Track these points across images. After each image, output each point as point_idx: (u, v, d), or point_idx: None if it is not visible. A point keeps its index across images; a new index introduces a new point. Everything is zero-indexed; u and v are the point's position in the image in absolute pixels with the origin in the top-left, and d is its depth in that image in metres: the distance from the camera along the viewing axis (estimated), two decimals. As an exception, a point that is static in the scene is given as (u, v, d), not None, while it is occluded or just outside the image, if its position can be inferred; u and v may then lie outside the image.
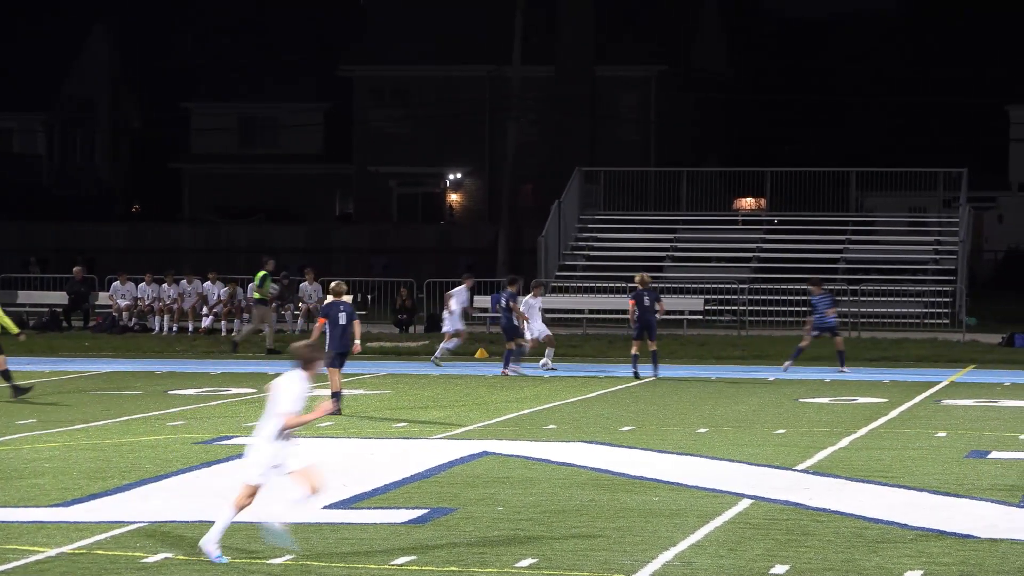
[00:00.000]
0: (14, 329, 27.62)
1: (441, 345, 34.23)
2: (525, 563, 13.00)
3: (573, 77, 71.42)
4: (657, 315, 30.94)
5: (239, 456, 19.42)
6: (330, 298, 24.56)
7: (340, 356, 24.08)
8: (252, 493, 13.21)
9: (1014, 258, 67.62)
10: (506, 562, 13.05)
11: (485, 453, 19.89)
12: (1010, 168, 78.09)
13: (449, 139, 74.01)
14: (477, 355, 36.08)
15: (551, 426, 23.12)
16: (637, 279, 31.49)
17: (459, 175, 75.11)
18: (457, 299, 34.72)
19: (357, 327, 24.25)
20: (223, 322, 42.94)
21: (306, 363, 13.25)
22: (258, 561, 13.08)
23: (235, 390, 28.22)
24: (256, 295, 37.74)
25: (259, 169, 77.51)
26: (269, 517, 13.40)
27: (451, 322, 34.41)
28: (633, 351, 30.78)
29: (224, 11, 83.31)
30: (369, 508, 15.82)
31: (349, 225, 73.32)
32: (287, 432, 13.18)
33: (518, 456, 19.60)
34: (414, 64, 74.73)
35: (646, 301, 30.68)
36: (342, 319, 23.99)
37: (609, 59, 72.87)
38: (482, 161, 73.84)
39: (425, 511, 15.33)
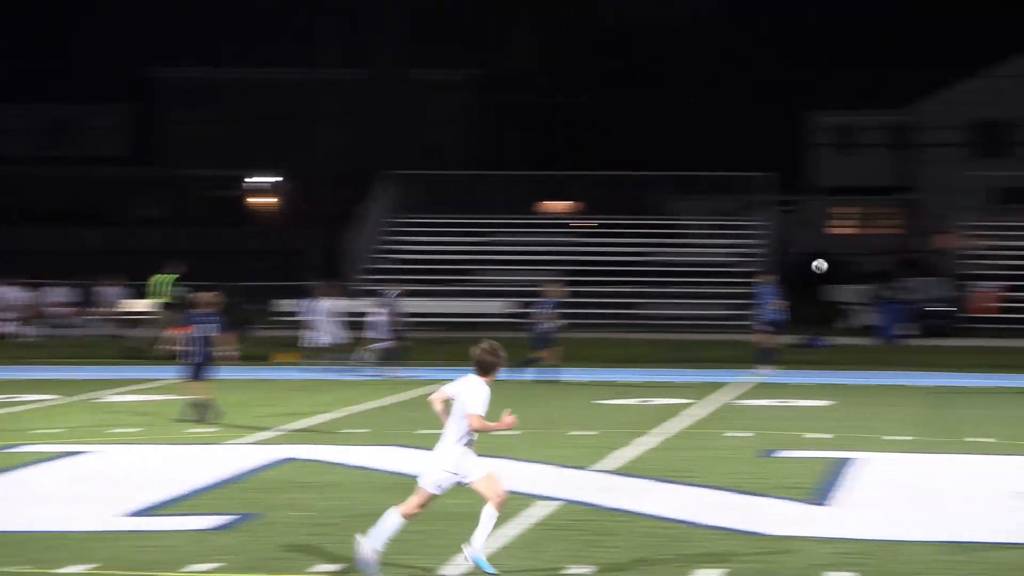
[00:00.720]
0: None
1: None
2: (331, 567, 13.00)
3: (387, 79, 71.44)
4: None
5: (28, 465, 19.13)
6: (197, 308, 24.30)
7: (203, 366, 23.83)
8: (425, 502, 12.63)
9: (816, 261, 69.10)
10: (311, 567, 13.04)
11: (289, 458, 19.83)
12: (813, 173, 79.80)
13: (260, 142, 73.50)
14: (277, 359, 35.94)
15: (355, 430, 23.13)
16: None
17: (269, 178, 74.62)
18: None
19: (223, 338, 24.02)
20: (27, 328, 42.15)
21: (483, 368, 12.84)
22: (51, 571, 12.88)
23: (28, 397, 27.70)
24: (163, 300, 36.98)
25: (64, 171, 76.17)
26: (468, 550, 12.58)
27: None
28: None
29: (30, 11, 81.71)
30: (172, 515, 15.67)
31: (154, 228, 72.40)
32: (471, 438, 12.67)
33: (322, 461, 19.57)
34: (225, 66, 74.07)
35: None
36: (206, 329, 23.80)
37: (423, 62, 72.98)
38: (293, 164, 73.46)
39: (229, 517, 15.23)
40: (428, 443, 21.47)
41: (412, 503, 12.71)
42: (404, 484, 17.67)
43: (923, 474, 18.88)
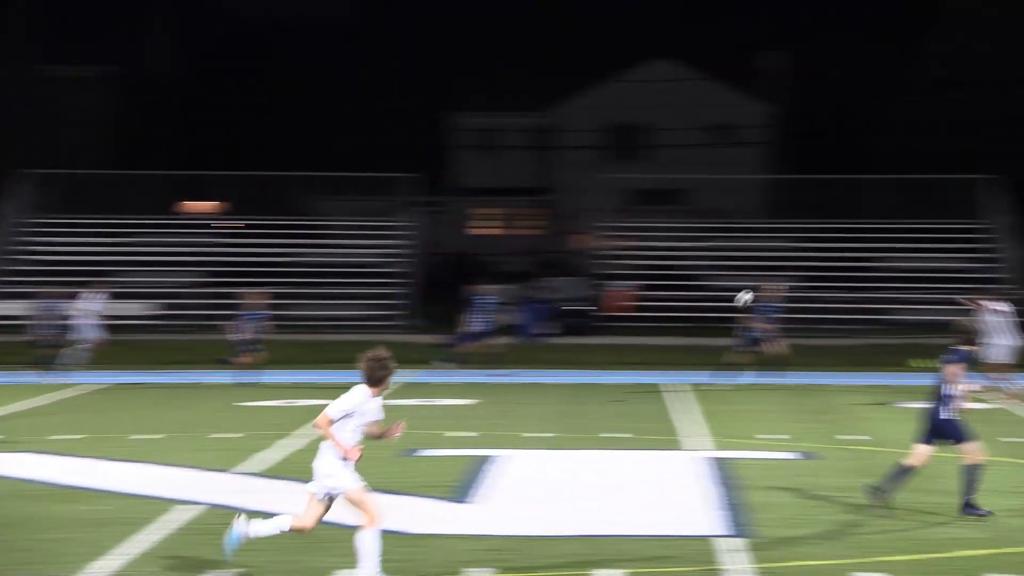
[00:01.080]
0: None
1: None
2: (-43, 581, 12.58)
3: (18, 76, 69.38)
4: None
5: None
6: None
7: None
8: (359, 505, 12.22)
9: (462, 261, 70.03)
10: (-64, 581, 12.58)
11: (-83, 468, 19.08)
12: (456, 174, 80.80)
13: None
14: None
15: (-11, 437, 22.38)
16: None
17: None
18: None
19: None
20: None
21: (370, 379, 11.84)
22: None
23: None
24: None
25: None
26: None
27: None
28: None
29: None
30: None
31: None
32: (330, 440, 11.97)
33: (-48, 470, 18.89)
34: None
35: None
36: None
37: (60, 59, 71.18)
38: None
39: None
40: (61, 448, 20.93)
41: (371, 514, 12.38)
42: (32, 491, 17.16)
43: (562, 470, 19.31)
